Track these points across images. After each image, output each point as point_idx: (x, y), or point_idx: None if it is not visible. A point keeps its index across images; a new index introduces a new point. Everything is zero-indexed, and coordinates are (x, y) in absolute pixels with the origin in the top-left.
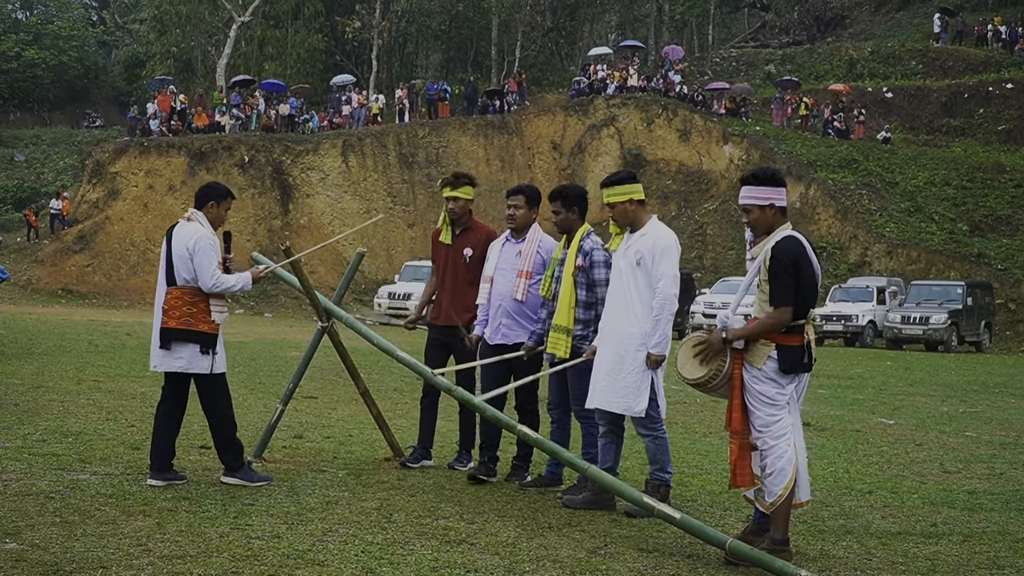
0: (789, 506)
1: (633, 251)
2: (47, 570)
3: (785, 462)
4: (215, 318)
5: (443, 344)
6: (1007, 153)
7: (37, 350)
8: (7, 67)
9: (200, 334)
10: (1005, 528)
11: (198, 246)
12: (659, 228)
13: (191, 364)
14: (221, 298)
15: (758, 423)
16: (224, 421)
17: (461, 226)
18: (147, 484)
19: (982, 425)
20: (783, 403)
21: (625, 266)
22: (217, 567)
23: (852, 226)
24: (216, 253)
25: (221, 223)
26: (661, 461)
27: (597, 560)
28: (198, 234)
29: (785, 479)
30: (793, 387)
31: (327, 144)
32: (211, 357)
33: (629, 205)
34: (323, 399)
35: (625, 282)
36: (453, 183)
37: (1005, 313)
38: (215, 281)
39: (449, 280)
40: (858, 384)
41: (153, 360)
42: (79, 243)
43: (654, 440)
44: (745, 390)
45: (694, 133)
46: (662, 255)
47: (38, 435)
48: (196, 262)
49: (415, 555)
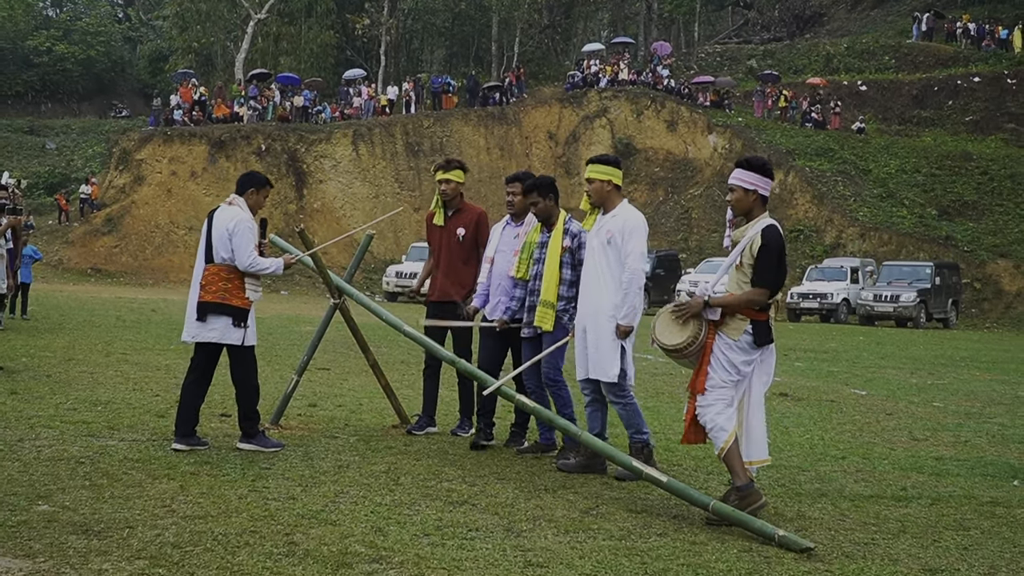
0: (738, 455)
1: (605, 231)
2: (77, 530)
3: (724, 420)
4: (249, 295)
5: (440, 319)
6: (974, 142)
7: (68, 325)
8: (39, 61)
9: (234, 308)
10: (970, 492)
11: (238, 228)
12: (629, 210)
13: (224, 335)
14: (255, 278)
15: (709, 382)
16: (250, 392)
17: (453, 208)
18: (171, 449)
19: (948, 396)
20: (744, 373)
21: (597, 245)
22: (236, 526)
23: (828, 210)
24: (254, 236)
25: (259, 209)
26: (636, 424)
27: (589, 520)
28: (239, 217)
29: (726, 433)
30: (758, 356)
31: (339, 133)
32: (243, 330)
33: (606, 186)
34: (335, 370)
35: (597, 260)
36: (445, 167)
37: (971, 292)
38: (251, 261)
39: (444, 259)
40: (833, 358)
41: (187, 332)
42: (107, 226)
43: (624, 406)
44: (713, 355)
45: (680, 124)
46: (631, 234)
47: (69, 404)
48: (235, 242)
49: (420, 515)
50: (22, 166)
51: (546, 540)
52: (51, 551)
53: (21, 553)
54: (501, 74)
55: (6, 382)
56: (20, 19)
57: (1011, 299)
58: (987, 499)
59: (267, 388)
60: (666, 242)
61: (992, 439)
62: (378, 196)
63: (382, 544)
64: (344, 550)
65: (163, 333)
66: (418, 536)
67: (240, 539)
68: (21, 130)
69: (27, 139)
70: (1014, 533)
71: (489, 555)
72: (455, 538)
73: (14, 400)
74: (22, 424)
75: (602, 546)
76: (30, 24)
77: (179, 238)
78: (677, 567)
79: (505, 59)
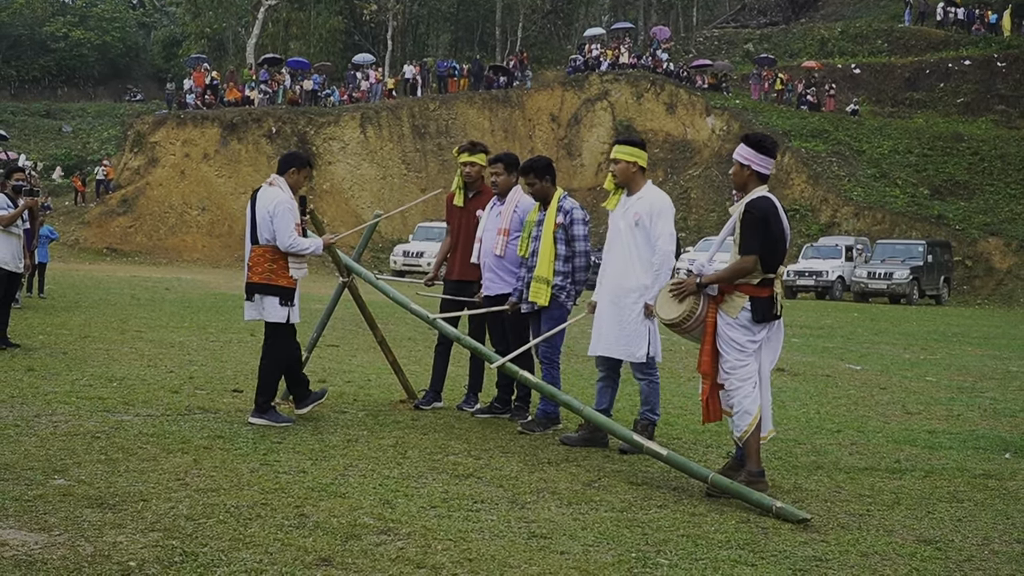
0: (758, 440)
1: (632, 213)
2: (92, 503)
3: (750, 403)
4: (293, 274)
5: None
6: (965, 124)
7: (84, 303)
8: (55, 46)
9: (280, 288)
10: (963, 465)
11: (278, 209)
12: (655, 192)
13: (270, 313)
14: (299, 256)
15: (726, 366)
16: (273, 368)
17: (474, 190)
18: (249, 421)
19: (941, 371)
20: (752, 350)
21: (624, 226)
22: (248, 499)
23: (823, 190)
24: (293, 216)
25: (300, 188)
26: (652, 403)
27: (592, 492)
28: (279, 198)
29: (750, 417)
30: (764, 334)
31: (347, 116)
32: (288, 309)
33: (632, 167)
34: (344, 347)
35: (624, 241)
36: (470, 149)
37: (962, 269)
38: (291, 242)
39: (462, 240)
40: (828, 333)
41: (246, 312)
42: (122, 206)
43: (649, 383)
44: (718, 336)
45: (679, 106)
46: (659, 216)
47: (85, 380)
48: (276, 224)
49: (427, 487)
50: (39, 148)
51: (549, 512)
52: (67, 524)
53: (37, 526)
54: (505, 58)
55: (23, 359)
56: (37, 6)
57: (1001, 276)
58: (979, 471)
59: None
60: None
61: (984, 413)
62: (385, 177)
63: (390, 516)
64: (353, 522)
65: (176, 311)
66: (425, 508)
67: (252, 511)
68: (38, 113)
69: (44, 122)
70: (1006, 505)
71: (494, 526)
72: (461, 510)
73: (31, 377)
74: (39, 400)
75: (604, 517)
76: (47, 11)
77: (192, 218)
78: (677, 538)
79: (509, 43)
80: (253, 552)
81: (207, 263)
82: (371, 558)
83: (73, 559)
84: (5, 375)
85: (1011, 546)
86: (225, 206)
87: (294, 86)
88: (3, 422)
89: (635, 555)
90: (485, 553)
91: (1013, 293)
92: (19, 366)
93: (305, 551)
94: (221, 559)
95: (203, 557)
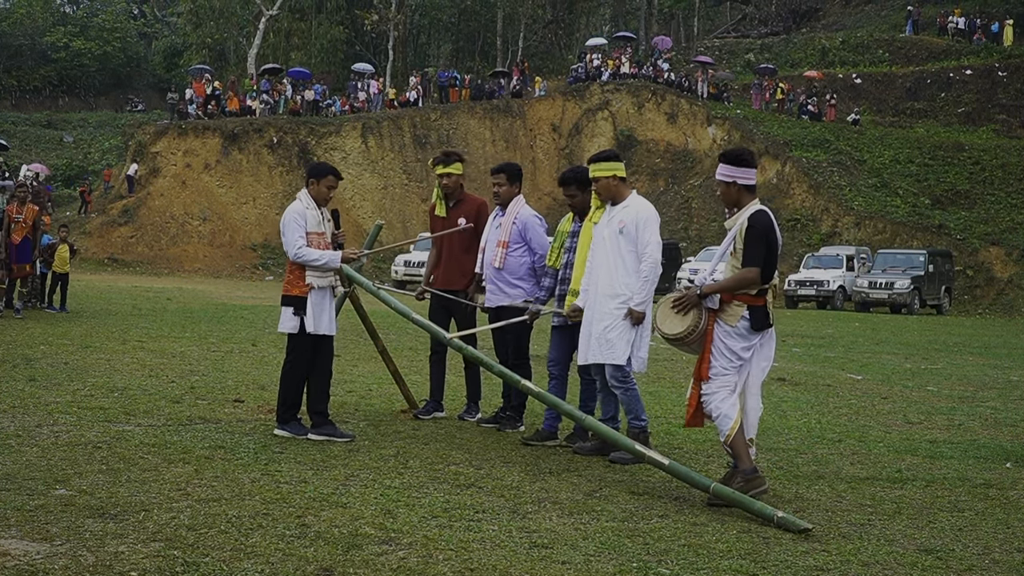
0: (743, 439)
1: (617, 221)
2: (94, 513)
3: (728, 407)
4: (309, 280)
5: (444, 307)
6: (966, 133)
7: (85, 313)
8: (56, 56)
9: (293, 298)
10: (964, 474)
11: (285, 220)
12: (640, 201)
13: (283, 323)
14: (318, 268)
15: (711, 370)
16: (289, 379)
17: (454, 199)
18: (274, 433)
19: (942, 380)
20: (743, 360)
21: (608, 235)
22: (249, 509)
23: (824, 200)
24: (300, 227)
25: (325, 200)
26: (635, 411)
27: (593, 501)
28: (289, 209)
29: (730, 420)
30: (757, 341)
31: (348, 126)
32: (298, 319)
33: (612, 180)
34: (345, 357)
35: (609, 249)
36: (445, 161)
37: (963, 279)
38: (296, 252)
39: (446, 249)
40: (829, 343)
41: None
42: (123, 216)
43: (625, 391)
44: (713, 344)
45: (680, 116)
46: (645, 225)
47: (86, 390)
48: (283, 234)
49: (429, 497)
50: (40, 158)
51: (551, 521)
52: (68, 534)
53: (39, 536)
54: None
55: (25, 369)
56: (38, 16)
57: (1002, 285)
58: (980, 481)
59: (279, 374)
60: (667, 231)
61: (985, 422)
62: (387, 187)
63: (391, 526)
64: (354, 532)
65: (178, 321)
66: (426, 518)
67: (253, 521)
68: (39, 123)
69: (45, 132)
70: (1007, 514)
71: (495, 536)
72: (462, 520)
73: (32, 387)
74: (40, 410)
75: (605, 527)
76: (48, 21)
77: (193, 228)
78: (678, 547)
79: (510, 53)
80: (255, 562)
81: (208, 273)
82: (372, 568)
83: (75, 569)
84: (7, 385)
85: (1012, 555)
86: (226, 216)
87: (295, 96)
88: (5, 432)
89: (636, 565)
90: (486, 563)
91: (1014, 303)
92: (21, 376)
93: (307, 561)
94: (223, 569)
95: (204, 567)
